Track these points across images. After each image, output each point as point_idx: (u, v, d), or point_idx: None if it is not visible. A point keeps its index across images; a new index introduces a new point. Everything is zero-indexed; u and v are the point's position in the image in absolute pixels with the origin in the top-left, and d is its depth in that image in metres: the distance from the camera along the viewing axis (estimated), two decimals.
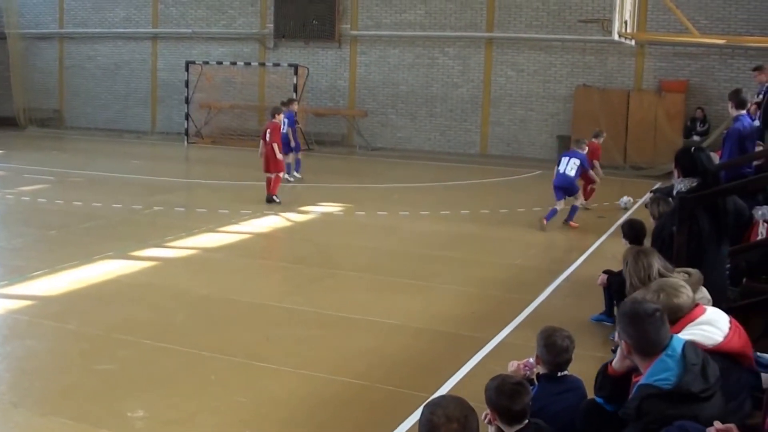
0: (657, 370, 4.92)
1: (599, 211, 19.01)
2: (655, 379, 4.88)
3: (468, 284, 12.26)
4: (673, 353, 4.95)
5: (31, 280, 11.60)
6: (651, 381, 4.89)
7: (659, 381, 4.85)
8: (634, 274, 6.93)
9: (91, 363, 8.49)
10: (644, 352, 5.04)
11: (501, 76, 30.39)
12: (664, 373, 4.87)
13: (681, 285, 5.87)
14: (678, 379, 4.82)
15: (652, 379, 4.89)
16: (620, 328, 5.20)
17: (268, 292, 11.55)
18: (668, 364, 4.90)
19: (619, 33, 21.78)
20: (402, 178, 24.11)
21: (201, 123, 33.37)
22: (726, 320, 5.74)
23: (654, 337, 5.01)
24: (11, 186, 20.22)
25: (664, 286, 5.82)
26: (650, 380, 4.90)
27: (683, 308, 5.70)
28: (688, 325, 5.60)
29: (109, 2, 36.85)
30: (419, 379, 8.27)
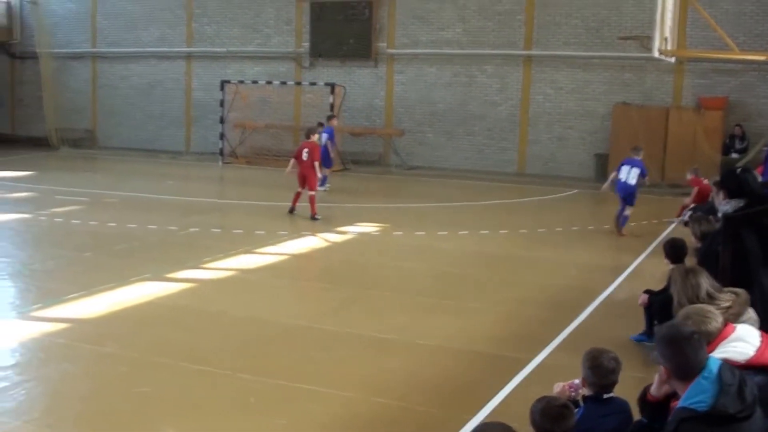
0: (693, 392, 4.91)
1: (636, 230, 18.93)
2: (691, 402, 4.87)
3: (507, 304, 12.26)
4: (708, 375, 4.95)
5: (67, 302, 11.70)
6: (687, 404, 4.88)
7: (695, 403, 4.85)
8: (683, 294, 6.89)
9: (128, 386, 8.56)
10: (682, 376, 5.04)
11: (539, 94, 30.35)
12: (700, 395, 4.87)
13: (709, 311, 5.85)
14: (714, 401, 4.81)
15: (688, 402, 4.88)
16: (658, 352, 5.19)
17: (306, 313, 11.60)
18: (704, 386, 4.90)
19: (659, 50, 21.71)
20: (439, 198, 24.11)
21: (236, 143, 33.55)
22: (756, 335, 5.75)
23: (692, 361, 5.01)
24: (44, 207, 20.41)
25: (690, 314, 5.79)
26: (686, 403, 4.90)
27: (711, 334, 5.67)
28: (720, 344, 5.60)
29: (142, 21, 37.22)
30: (460, 401, 8.27)
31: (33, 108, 39.42)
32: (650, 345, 9.72)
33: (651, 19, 23.09)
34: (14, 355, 9.51)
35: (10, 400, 8.06)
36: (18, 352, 9.61)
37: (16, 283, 13.34)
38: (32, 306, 11.62)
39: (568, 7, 29.65)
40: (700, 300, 6.75)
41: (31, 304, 11.73)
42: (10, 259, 15.08)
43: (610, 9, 29.07)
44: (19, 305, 11.85)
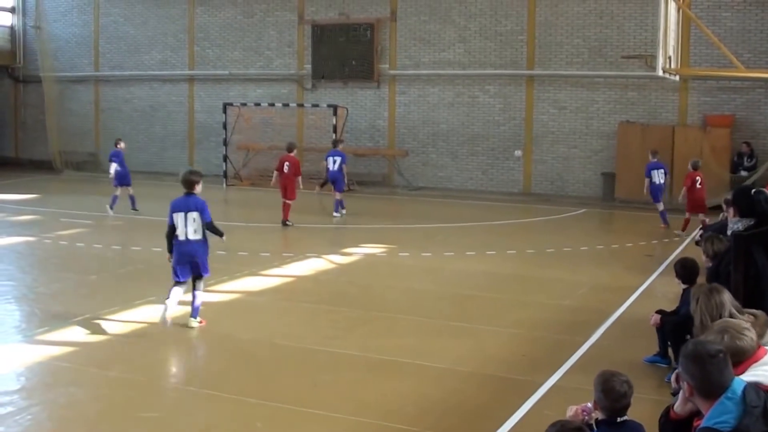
0: (717, 412, 4.86)
1: (646, 249, 18.87)
2: (714, 422, 4.82)
3: (517, 326, 12.17)
4: (733, 395, 4.89)
5: (73, 325, 11.65)
6: (711, 424, 4.83)
7: (719, 423, 4.79)
8: (706, 312, 6.80)
9: (134, 411, 8.49)
10: (706, 394, 4.98)
11: (543, 113, 30.33)
12: (724, 415, 4.81)
13: (745, 327, 5.76)
14: (738, 422, 4.77)
15: (712, 422, 4.83)
16: (682, 369, 5.13)
17: (314, 336, 11.51)
18: (728, 407, 4.84)
19: (662, 69, 21.68)
20: (445, 218, 24.06)
21: (239, 165, 33.55)
22: None
23: (717, 379, 4.96)
24: (49, 230, 20.38)
25: (727, 328, 5.72)
26: (710, 423, 4.84)
27: (746, 351, 5.60)
28: (751, 366, 5.51)
29: (144, 45, 37.33)
30: (472, 424, 8.19)
31: (36, 131, 39.46)
32: (665, 366, 9.68)
33: (654, 37, 23.05)
34: (20, 379, 9.45)
35: (16, 426, 8.00)
36: (24, 376, 9.55)
37: (22, 307, 13.30)
38: (38, 329, 11.55)
39: (569, 26, 29.69)
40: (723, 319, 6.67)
41: (37, 328, 11.66)
42: (16, 282, 15.05)
43: (612, 28, 29.09)
44: (24, 329, 11.81)
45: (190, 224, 11.85)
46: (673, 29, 22.33)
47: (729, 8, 27.38)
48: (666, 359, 9.84)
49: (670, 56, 22.36)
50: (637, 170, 27.14)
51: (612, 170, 28.56)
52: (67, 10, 39.01)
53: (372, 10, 32.71)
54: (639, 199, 27.06)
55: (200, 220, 11.91)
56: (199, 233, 11.90)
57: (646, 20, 27.61)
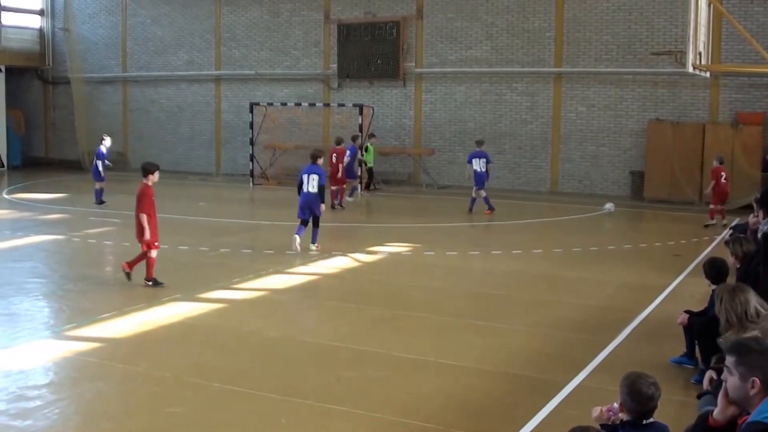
0: (766, 408, 4.82)
1: (675, 248, 18.77)
2: (764, 416, 4.78)
3: (542, 325, 12.14)
4: None
5: (100, 322, 11.76)
6: (760, 418, 4.79)
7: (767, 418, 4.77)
8: (731, 311, 6.80)
9: (160, 406, 8.56)
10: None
11: (571, 111, 30.23)
12: None
13: None
14: None
15: (761, 417, 4.79)
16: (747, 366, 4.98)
17: (337, 333, 11.55)
18: None
19: (693, 65, 21.53)
20: (470, 217, 24.03)
21: (266, 164, 33.65)
22: None
23: None
24: (77, 229, 20.57)
25: None
26: (759, 417, 4.80)
27: None
28: None
29: (171, 46, 37.55)
30: (494, 424, 8.18)
31: (65, 132, 39.84)
32: (691, 367, 9.61)
33: (684, 33, 22.91)
34: (48, 374, 9.55)
35: (44, 419, 8.08)
36: (52, 371, 9.65)
37: (50, 303, 13.44)
38: (66, 325, 11.68)
39: (598, 23, 29.55)
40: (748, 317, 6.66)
41: (65, 324, 11.79)
42: (45, 279, 15.23)
43: (641, 24, 28.92)
44: (53, 325, 11.93)
45: (311, 182, 17.52)
46: (703, 25, 22.16)
47: (761, 3, 27.11)
48: (693, 360, 9.73)
49: (701, 52, 22.20)
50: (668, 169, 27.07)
51: (641, 169, 28.41)
52: (95, 12, 39.32)
53: (398, 9, 32.74)
54: (668, 198, 27.00)
55: (317, 181, 17.41)
56: (314, 189, 17.45)
57: (676, 16, 27.45)
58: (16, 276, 15.22)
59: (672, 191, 27.30)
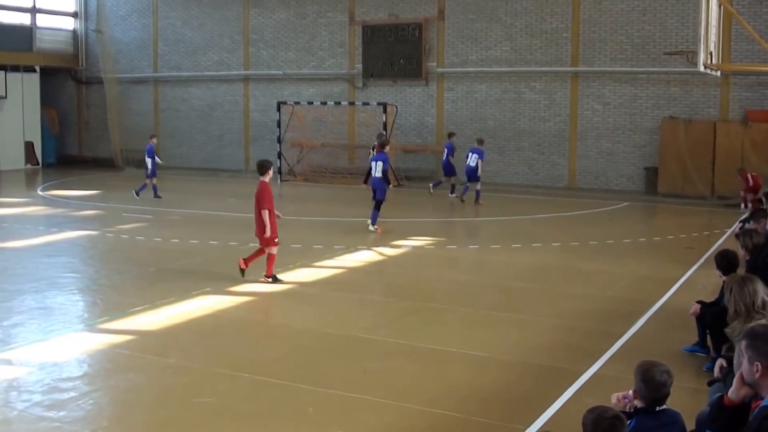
0: None
1: (687, 241, 18.67)
2: None
3: (560, 316, 12.11)
4: None
5: (132, 315, 11.81)
6: None
7: None
8: (740, 301, 6.76)
9: (191, 396, 8.59)
10: None
11: (587, 109, 30.10)
12: None
13: None
14: None
15: None
16: (753, 351, 5.00)
17: (363, 325, 11.56)
18: None
19: (704, 64, 21.38)
20: (491, 212, 23.98)
21: (293, 161, 33.68)
22: None
23: None
24: (111, 225, 20.64)
25: None
26: None
27: None
28: None
29: (201, 47, 37.61)
30: (515, 412, 8.17)
31: (99, 130, 39.97)
32: (703, 355, 9.58)
33: (695, 34, 22.75)
34: (82, 365, 9.60)
35: (78, 410, 8.12)
36: (86, 363, 9.70)
37: (85, 297, 13.49)
38: (99, 318, 11.73)
39: (613, 24, 29.42)
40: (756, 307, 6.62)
41: (99, 317, 11.84)
42: (79, 274, 15.29)
43: (654, 25, 28.77)
44: (87, 318, 11.99)
45: (378, 168, 19.57)
46: (714, 25, 22.01)
47: None
48: (705, 349, 9.73)
49: (712, 52, 22.05)
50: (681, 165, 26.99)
51: (655, 165, 28.30)
52: (127, 14, 39.41)
53: (420, 10, 32.67)
54: (681, 193, 26.90)
55: (382, 167, 19.42)
56: (379, 174, 19.51)
57: (688, 17, 27.27)
58: (50, 270, 15.28)
59: (685, 186, 27.17)
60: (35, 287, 13.63)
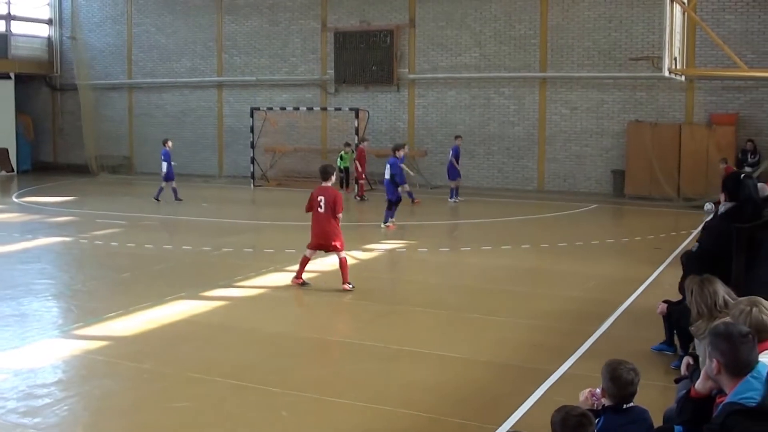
0: (742, 389, 4.94)
1: (655, 242, 18.77)
2: (740, 397, 4.89)
3: (530, 317, 12.14)
4: (758, 375, 4.98)
5: (107, 321, 11.70)
6: (736, 399, 4.90)
7: (744, 399, 4.86)
8: (702, 302, 6.78)
9: (166, 401, 8.52)
10: (734, 372, 5.03)
11: (555, 113, 30.24)
12: (749, 392, 4.89)
13: None
14: (762, 399, 4.82)
15: (738, 398, 4.90)
16: (712, 348, 5.13)
17: (336, 328, 11.54)
18: (753, 385, 4.93)
19: (669, 69, 21.54)
20: (462, 215, 24.03)
21: (266, 166, 33.62)
22: None
23: (745, 358, 5.02)
24: (85, 231, 20.46)
25: (756, 302, 5.71)
26: (735, 398, 4.92)
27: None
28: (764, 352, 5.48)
29: (175, 53, 37.45)
30: (487, 412, 8.17)
31: (73, 137, 39.69)
32: (671, 353, 9.63)
33: (660, 40, 22.93)
34: (57, 372, 9.50)
35: (53, 416, 8.04)
36: (61, 369, 9.60)
37: (59, 303, 13.38)
38: (74, 324, 11.63)
39: (580, 30, 29.59)
40: (718, 307, 6.65)
41: (73, 323, 11.74)
42: (54, 280, 15.15)
43: (620, 32, 28.97)
44: (61, 324, 11.88)
45: (387, 171, 21.12)
46: (678, 32, 22.19)
47: (732, 11, 27.22)
48: (672, 347, 9.79)
49: (676, 57, 22.23)
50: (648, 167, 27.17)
51: (622, 168, 28.50)
52: (102, 21, 39.20)
53: (391, 17, 32.71)
54: (648, 195, 27.10)
55: (390, 170, 20.94)
56: (387, 176, 21.03)
57: (653, 23, 27.44)
58: (25, 277, 15.10)
59: (651, 188, 27.38)
60: (10, 294, 13.46)
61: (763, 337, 5.51)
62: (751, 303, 5.71)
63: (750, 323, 5.46)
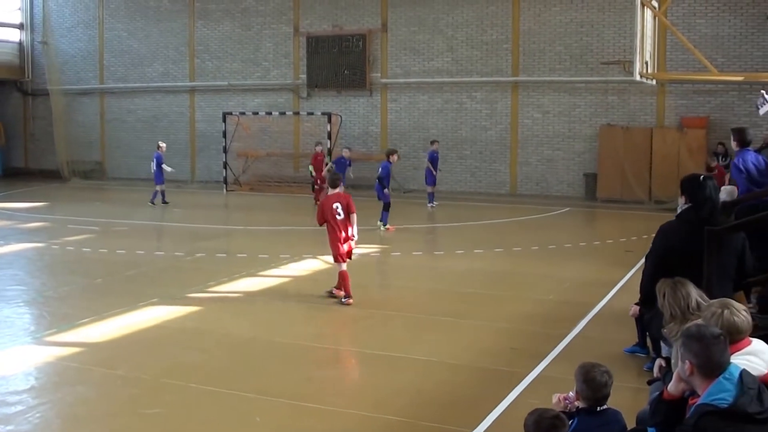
0: (715, 390, 4.95)
1: (627, 245, 18.87)
2: (712, 398, 4.91)
3: (504, 320, 12.15)
4: (730, 377, 4.99)
5: (79, 327, 11.61)
6: (708, 400, 4.92)
7: (716, 400, 4.88)
8: (675, 305, 6.80)
9: (139, 408, 8.46)
10: (706, 373, 5.04)
11: (527, 118, 30.37)
12: (722, 393, 4.90)
13: (743, 308, 5.78)
14: (735, 400, 4.85)
15: (710, 399, 4.92)
16: (685, 349, 5.14)
17: (310, 333, 11.50)
18: (725, 386, 4.94)
19: (640, 73, 21.66)
20: (435, 219, 24.05)
21: (239, 171, 33.55)
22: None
23: (718, 359, 5.03)
24: (57, 236, 20.33)
25: (728, 304, 5.73)
26: (708, 399, 4.93)
27: (741, 330, 5.62)
28: (735, 354, 5.51)
29: (147, 58, 37.31)
30: (460, 414, 8.17)
31: (45, 142, 39.44)
32: (643, 355, 9.67)
33: (632, 44, 23.06)
34: (29, 379, 9.41)
35: (25, 423, 7.96)
36: (33, 376, 9.52)
37: (31, 310, 13.25)
38: (46, 331, 11.51)
39: (552, 35, 29.75)
40: (691, 309, 6.68)
41: (46, 330, 11.62)
42: (25, 286, 15.01)
43: (592, 36, 29.16)
44: (33, 331, 11.76)
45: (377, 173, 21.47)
46: (649, 36, 22.29)
47: (703, 15, 27.47)
48: (644, 349, 9.82)
49: (647, 61, 22.32)
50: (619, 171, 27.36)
51: (594, 171, 28.65)
52: (73, 25, 38.99)
53: (364, 22, 32.74)
54: (620, 198, 27.27)
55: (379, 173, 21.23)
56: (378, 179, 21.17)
57: (624, 28, 27.62)
58: None
59: (623, 191, 27.57)
60: None
61: (734, 338, 5.54)
62: (723, 305, 5.74)
63: (722, 325, 5.48)
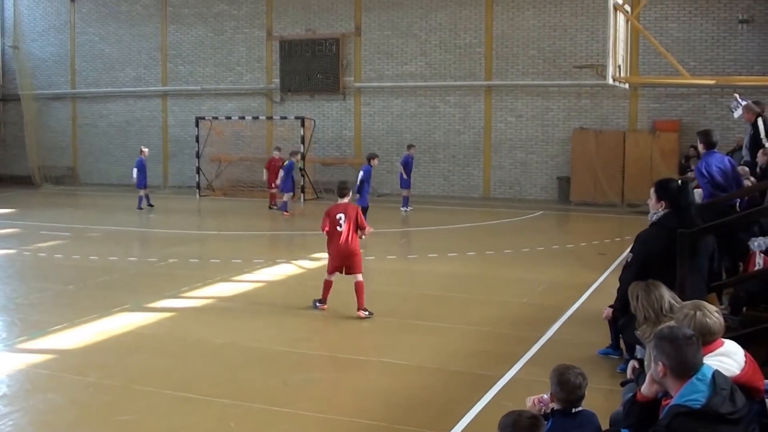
0: (687, 391, 4.98)
1: (600, 247, 18.96)
2: (685, 399, 4.94)
3: (478, 323, 12.17)
4: (703, 377, 5.03)
5: (51, 334, 11.51)
6: (682, 401, 4.95)
7: (689, 401, 4.92)
8: (649, 307, 6.84)
9: (112, 415, 8.39)
10: (679, 374, 5.08)
11: (501, 121, 30.49)
12: (695, 394, 4.94)
13: (716, 309, 5.81)
14: (707, 401, 4.89)
15: (683, 400, 4.95)
16: (658, 351, 5.18)
17: (284, 338, 11.45)
18: (698, 387, 4.98)
19: (612, 77, 21.78)
20: (408, 223, 24.07)
21: (212, 176, 33.48)
22: (742, 354, 5.69)
23: (690, 360, 5.06)
24: (28, 243, 20.17)
25: (700, 306, 5.76)
26: (681, 401, 4.96)
27: (713, 331, 5.64)
28: (708, 355, 5.54)
29: (119, 63, 37.16)
30: (435, 418, 8.16)
31: (16, 148, 39.16)
32: (617, 357, 9.72)
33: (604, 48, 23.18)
34: (1, 387, 9.32)
35: None
36: (4, 384, 9.41)
37: (2, 317, 13.09)
38: (18, 338, 11.40)
39: (525, 39, 29.89)
40: (664, 311, 6.72)
41: (17, 337, 11.51)
42: None
43: (565, 40, 29.32)
44: (5, 338, 11.63)
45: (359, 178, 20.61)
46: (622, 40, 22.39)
47: (675, 19, 27.73)
48: (618, 351, 9.86)
49: (620, 65, 22.42)
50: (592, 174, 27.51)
51: (567, 174, 28.80)
52: (45, 30, 38.77)
53: (337, 26, 32.76)
54: (593, 201, 27.41)
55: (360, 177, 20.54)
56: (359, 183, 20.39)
57: (597, 32, 27.82)
58: None
59: (596, 195, 27.76)
60: None
61: (707, 339, 5.57)
62: (696, 307, 5.77)
63: (694, 327, 5.52)
